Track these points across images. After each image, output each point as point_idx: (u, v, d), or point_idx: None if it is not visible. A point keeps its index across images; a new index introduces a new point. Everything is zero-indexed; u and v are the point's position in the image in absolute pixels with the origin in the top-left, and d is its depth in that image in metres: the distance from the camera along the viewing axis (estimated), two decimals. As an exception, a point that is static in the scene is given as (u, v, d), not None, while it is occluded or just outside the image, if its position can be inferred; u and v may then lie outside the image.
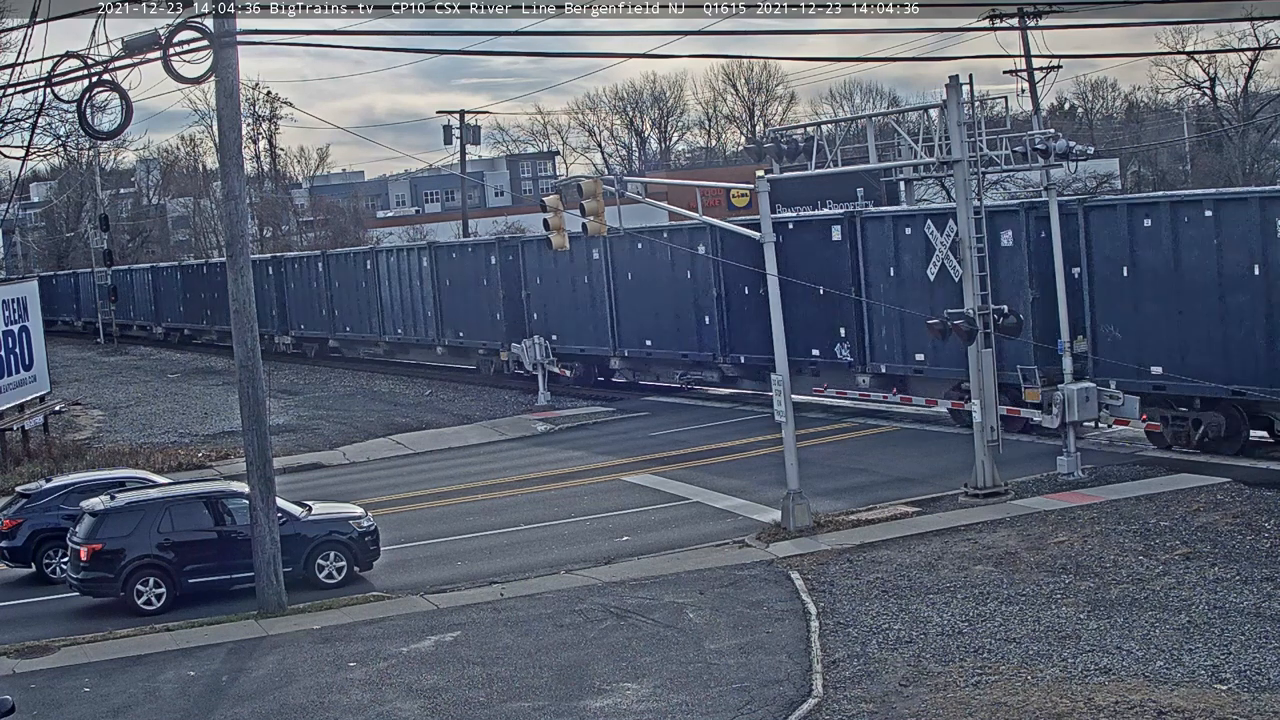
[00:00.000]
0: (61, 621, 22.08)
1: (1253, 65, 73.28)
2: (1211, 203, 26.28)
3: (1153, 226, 26.96)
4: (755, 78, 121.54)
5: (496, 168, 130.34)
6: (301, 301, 59.86)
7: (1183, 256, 26.47)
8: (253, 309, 21.79)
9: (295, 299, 60.31)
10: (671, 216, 38.98)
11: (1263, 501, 22.78)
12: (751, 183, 25.06)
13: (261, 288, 60.58)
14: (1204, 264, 26.12)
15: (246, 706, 17.05)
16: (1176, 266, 26.59)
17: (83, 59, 20.36)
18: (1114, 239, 27.66)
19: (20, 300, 37.79)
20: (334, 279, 56.79)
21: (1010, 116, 28.76)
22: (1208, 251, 26.02)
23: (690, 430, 35.79)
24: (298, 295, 60.11)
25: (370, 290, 53.82)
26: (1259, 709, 14.23)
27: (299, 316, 60.29)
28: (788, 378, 24.58)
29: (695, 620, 19.14)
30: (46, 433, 38.84)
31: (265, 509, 21.40)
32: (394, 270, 52.21)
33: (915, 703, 15.33)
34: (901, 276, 32.25)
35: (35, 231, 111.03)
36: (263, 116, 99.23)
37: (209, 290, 66.07)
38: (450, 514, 28.32)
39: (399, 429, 40.06)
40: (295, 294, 60.27)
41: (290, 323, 60.95)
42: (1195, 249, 26.25)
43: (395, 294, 52.12)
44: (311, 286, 58.78)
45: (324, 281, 57.54)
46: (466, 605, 20.87)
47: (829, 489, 26.84)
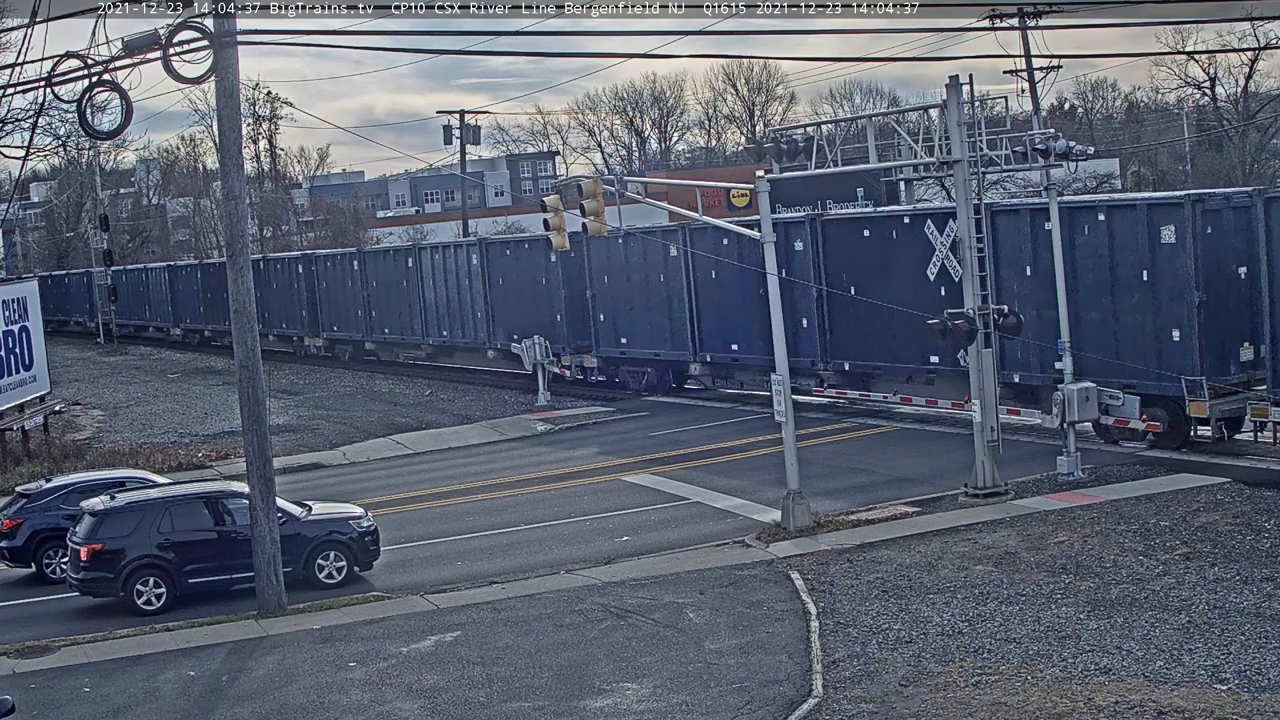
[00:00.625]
0: (61, 621, 22.08)
1: (1253, 65, 73.37)
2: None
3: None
4: (755, 78, 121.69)
5: (496, 168, 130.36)
6: (335, 302, 56.88)
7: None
8: (253, 309, 21.80)
9: (328, 299, 57.37)
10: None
11: (1263, 501, 22.78)
12: (751, 183, 25.06)
13: (291, 287, 59.29)
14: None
15: (246, 706, 17.05)
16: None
17: (83, 59, 20.35)
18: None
19: (20, 300, 37.78)
20: (371, 278, 53.97)
21: (1010, 116, 28.71)
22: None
23: (690, 430, 35.79)
24: (330, 295, 57.15)
25: (412, 290, 50.95)
26: (1259, 709, 14.22)
27: (332, 318, 57.38)
28: (787, 378, 24.57)
29: (695, 620, 19.14)
30: (46, 433, 38.85)
31: (265, 509, 21.40)
32: (439, 268, 49.43)
33: (915, 703, 15.33)
34: (1040, 275, 28.87)
35: (35, 231, 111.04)
36: (263, 116, 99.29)
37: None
38: (450, 514, 28.32)
39: (399, 429, 40.07)
40: (328, 294, 57.38)
41: (322, 324, 58.05)
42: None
43: (441, 294, 49.30)
44: (346, 286, 55.83)
45: (360, 280, 54.66)
46: (466, 605, 20.87)
47: (829, 489, 26.84)
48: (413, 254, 52.20)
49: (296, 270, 58.79)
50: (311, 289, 58.15)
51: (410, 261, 51.51)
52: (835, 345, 34.76)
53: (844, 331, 34.47)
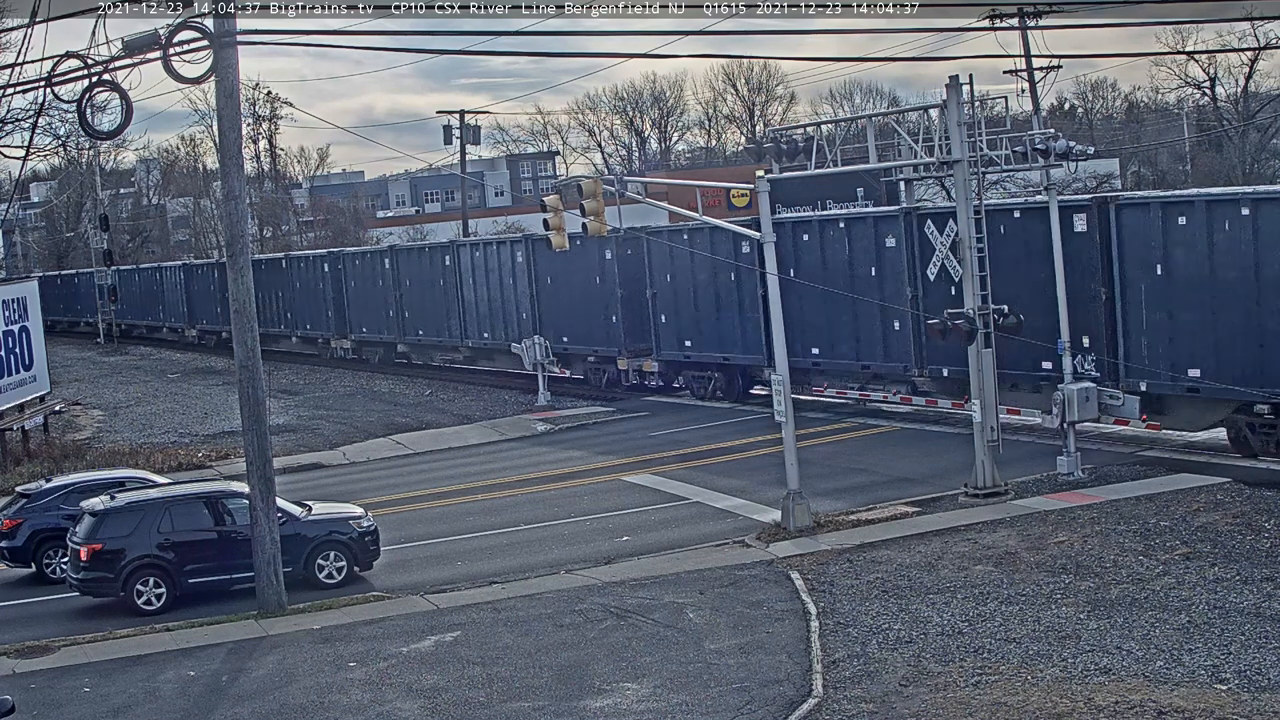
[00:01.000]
0: (61, 621, 22.08)
1: (1253, 65, 73.43)
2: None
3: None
4: (755, 78, 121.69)
5: (496, 168, 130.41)
6: (364, 302, 54.26)
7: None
8: (253, 309, 21.79)
9: (356, 299, 54.78)
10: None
11: (1263, 501, 22.77)
12: (751, 183, 25.07)
13: (316, 287, 57.14)
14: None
15: (246, 706, 17.05)
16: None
17: (83, 59, 20.36)
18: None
19: (20, 300, 37.80)
20: (404, 277, 51.31)
21: (1010, 116, 28.73)
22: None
23: (690, 430, 35.78)
24: (359, 295, 54.55)
25: (449, 289, 48.34)
26: (1259, 709, 14.22)
27: (360, 319, 54.75)
28: (787, 377, 24.57)
29: (695, 620, 19.14)
30: (46, 433, 38.87)
31: (265, 509, 21.40)
32: (479, 267, 46.78)
33: (915, 703, 15.33)
34: (1171, 275, 26.39)
35: (35, 231, 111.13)
36: (263, 116, 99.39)
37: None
38: (450, 514, 28.32)
39: (399, 429, 40.07)
40: (356, 293, 54.76)
41: (350, 326, 55.41)
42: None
43: (481, 293, 46.69)
44: (376, 285, 53.17)
45: (391, 279, 51.97)
46: (466, 605, 20.87)
47: (829, 489, 26.84)
48: (450, 251, 49.34)
49: (322, 269, 56.47)
50: (338, 288, 55.72)
51: (448, 259, 48.81)
52: (933, 350, 31.11)
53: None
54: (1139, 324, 26.85)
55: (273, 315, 60.05)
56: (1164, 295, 26.31)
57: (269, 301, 59.38)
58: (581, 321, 42.51)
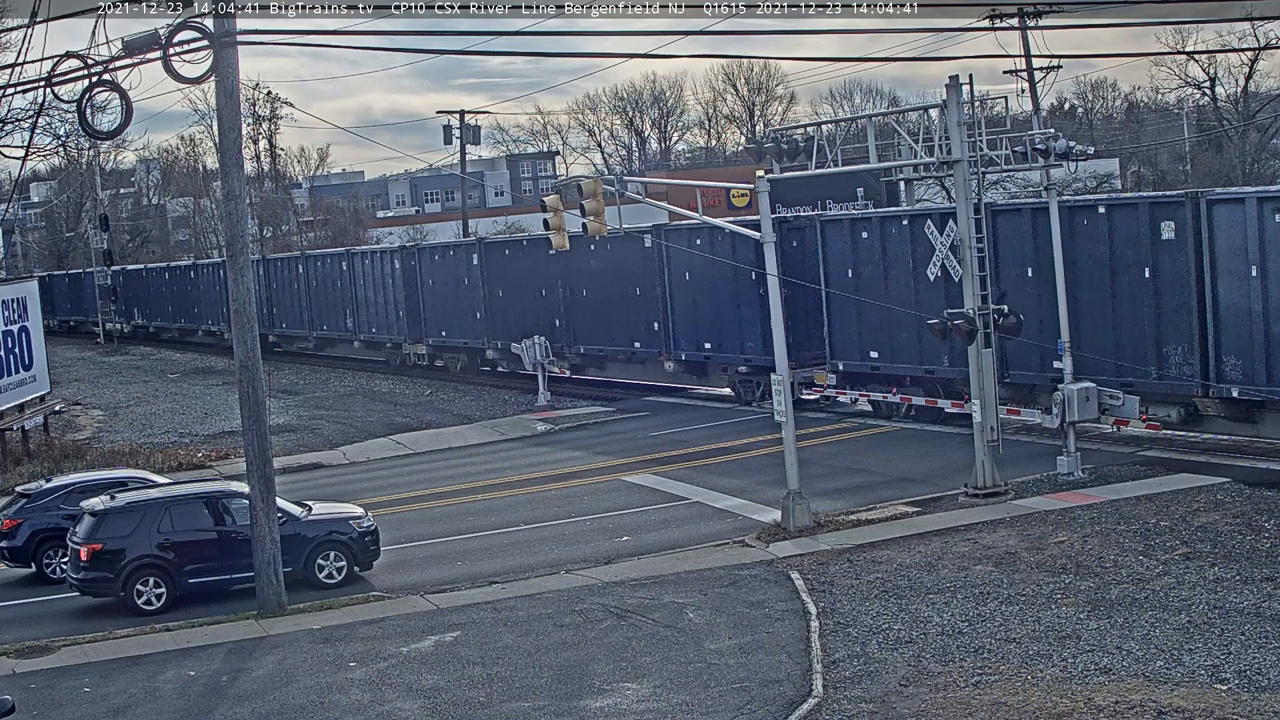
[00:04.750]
0: (61, 621, 22.08)
1: (1253, 65, 73.48)
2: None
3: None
4: (755, 78, 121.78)
5: (496, 168, 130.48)
6: (443, 303, 49.51)
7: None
8: (253, 309, 21.79)
9: (434, 299, 50.03)
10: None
11: (1263, 501, 22.77)
12: (751, 183, 25.07)
13: (385, 284, 52.45)
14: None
15: (246, 706, 17.05)
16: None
17: (83, 59, 20.35)
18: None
19: (20, 300, 37.80)
20: (493, 276, 46.81)
21: (1010, 116, 28.71)
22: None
23: (690, 430, 35.78)
24: (437, 294, 49.79)
25: (551, 290, 43.99)
26: (1259, 709, 14.22)
27: (439, 321, 50.02)
28: (787, 377, 24.58)
29: (695, 620, 19.14)
30: (46, 433, 38.86)
31: (265, 509, 21.40)
32: (596, 266, 41.91)
33: (915, 703, 15.33)
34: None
35: (35, 231, 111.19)
36: (263, 116, 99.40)
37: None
38: (450, 514, 28.32)
39: (399, 429, 40.07)
40: (433, 292, 49.98)
41: (426, 329, 50.74)
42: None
43: (596, 297, 42.28)
44: (460, 284, 48.32)
45: (480, 278, 47.21)
46: (466, 605, 20.87)
47: (829, 489, 26.84)
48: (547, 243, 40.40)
49: (392, 265, 51.67)
50: (412, 287, 50.81)
51: (550, 254, 39.82)
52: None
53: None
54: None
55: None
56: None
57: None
58: (720, 327, 38.02)
